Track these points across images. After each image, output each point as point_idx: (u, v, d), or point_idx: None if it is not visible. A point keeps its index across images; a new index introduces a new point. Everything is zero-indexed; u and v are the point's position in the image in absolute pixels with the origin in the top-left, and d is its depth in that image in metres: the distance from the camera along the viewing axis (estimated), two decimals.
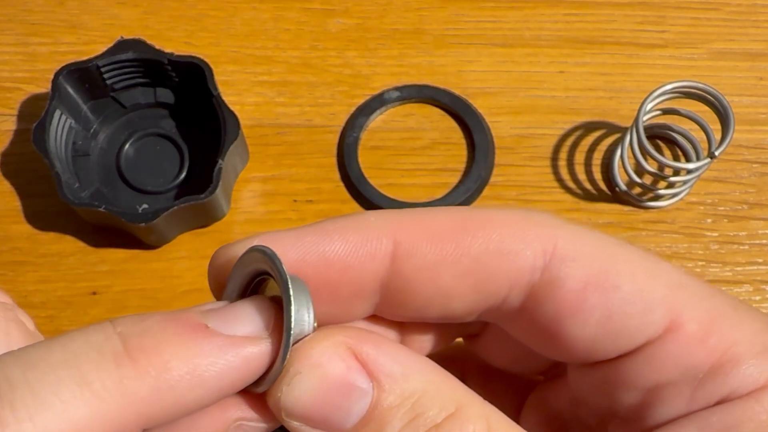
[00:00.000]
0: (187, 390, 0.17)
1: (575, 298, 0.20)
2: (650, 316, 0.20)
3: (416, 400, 0.19)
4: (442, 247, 0.20)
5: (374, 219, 0.21)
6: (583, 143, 0.49)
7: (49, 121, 0.44)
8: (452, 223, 0.21)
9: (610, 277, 0.20)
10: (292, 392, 0.19)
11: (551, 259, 0.20)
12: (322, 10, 0.53)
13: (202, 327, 0.18)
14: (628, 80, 0.51)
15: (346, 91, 0.51)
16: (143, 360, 0.17)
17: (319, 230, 0.21)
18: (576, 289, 0.20)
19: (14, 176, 0.49)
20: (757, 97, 0.51)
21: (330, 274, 0.20)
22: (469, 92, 0.50)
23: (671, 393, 0.20)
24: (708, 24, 0.53)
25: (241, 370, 0.18)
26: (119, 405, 0.17)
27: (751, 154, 0.49)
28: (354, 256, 0.20)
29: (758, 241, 0.47)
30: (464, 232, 0.21)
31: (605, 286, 0.20)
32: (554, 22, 0.53)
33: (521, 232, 0.21)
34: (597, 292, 0.20)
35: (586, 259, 0.20)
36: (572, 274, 0.20)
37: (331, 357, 0.19)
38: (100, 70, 0.45)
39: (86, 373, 0.16)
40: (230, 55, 0.52)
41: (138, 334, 0.17)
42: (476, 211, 0.21)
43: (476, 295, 0.21)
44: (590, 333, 0.20)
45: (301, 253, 0.20)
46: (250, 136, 0.48)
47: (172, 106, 0.48)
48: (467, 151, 0.49)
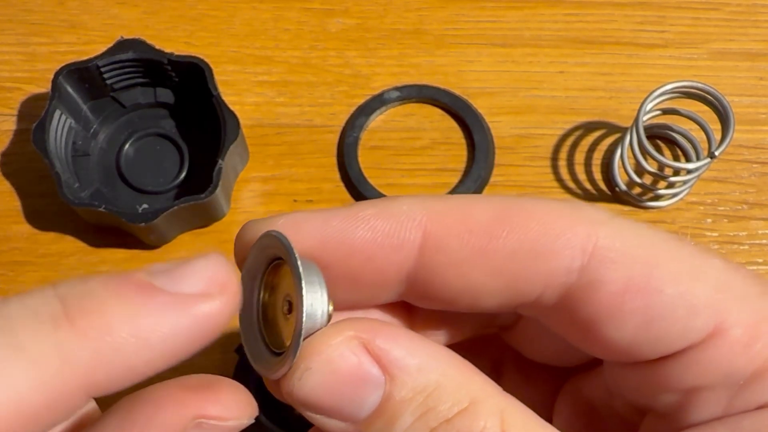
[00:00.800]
0: (133, 353, 0.16)
1: (614, 301, 0.19)
2: (693, 321, 0.19)
3: (429, 394, 0.18)
4: (474, 243, 0.20)
5: (406, 207, 0.20)
6: (583, 143, 0.49)
7: (49, 121, 0.44)
8: (486, 216, 0.20)
9: (652, 279, 0.19)
10: (304, 387, 0.18)
11: (590, 260, 0.19)
12: (322, 10, 0.53)
13: (148, 285, 0.17)
14: (628, 80, 0.51)
15: (346, 91, 0.51)
16: (83, 322, 0.16)
17: (347, 215, 0.20)
18: (615, 291, 0.19)
19: (14, 176, 0.49)
20: (757, 97, 0.51)
21: (353, 261, 0.20)
22: (469, 92, 0.50)
23: (709, 396, 0.20)
24: (708, 24, 0.53)
25: (192, 330, 0.17)
26: (59, 371, 0.15)
27: (751, 154, 0.49)
28: (379, 246, 0.20)
29: (758, 241, 0.47)
30: (498, 227, 0.20)
31: (647, 289, 0.19)
32: (554, 22, 0.53)
33: (559, 229, 0.20)
34: (638, 295, 0.19)
35: (627, 259, 0.19)
36: (611, 276, 0.19)
37: (343, 352, 0.18)
38: (100, 70, 0.45)
39: (22, 337, 0.15)
40: (230, 55, 0.52)
41: (78, 296, 0.16)
42: (515, 203, 0.20)
43: (507, 292, 0.20)
44: (629, 336, 0.20)
45: (325, 237, 0.20)
46: (250, 136, 0.48)
47: (172, 106, 0.48)
48: (467, 151, 0.49)
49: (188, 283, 0.17)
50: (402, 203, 0.20)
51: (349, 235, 0.20)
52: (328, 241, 0.20)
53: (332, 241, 0.20)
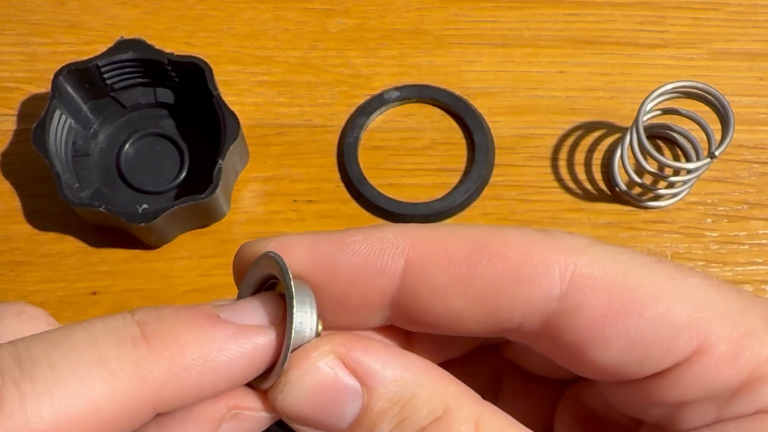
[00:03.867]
0: (200, 374, 0.18)
1: (594, 326, 0.20)
2: (676, 341, 0.20)
3: (405, 404, 0.19)
4: (454, 270, 0.20)
5: (391, 235, 0.21)
6: (583, 143, 0.49)
7: (49, 121, 0.44)
8: (467, 245, 0.20)
9: (632, 303, 0.20)
10: (285, 400, 0.19)
11: (568, 288, 0.20)
12: (322, 10, 0.53)
13: (214, 316, 0.19)
14: (628, 80, 0.51)
15: (346, 91, 0.51)
16: (159, 343, 0.18)
17: (334, 240, 0.21)
18: (595, 317, 0.20)
19: (14, 176, 0.49)
20: (757, 97, 0.51)
21: (338, 285, 0.21)
22: (469, 92, 0.50)
23: (698, 409, 0.20)
24: (708, 24, 0.53)
25: (250, 358, 0.19)
26: (134, 385, 0.17)
27: (751, 154, 0.49)
28: (362, 271, 0.20)
29: (758, 241, 0.47)
30: (478, 256, 0.20)
31: (627, 313, 0.20)
32: (554, 22, 0.52)
33: (537, 258, 0.20)
34: (618, 319, 0.20)
35: (606, 285, 0.20)
36: (591, 302, 0.20)
37: (320, 366, 0.19)
38: (100, 70, 0.45)
39: (104, 353, 0.17)
40: (230, 55, 0.52)
41: (154, 321, 0.18)
42: (495, 232, 0.21)
43: (489, 319, 0.21)
44: (613, 359, 0.20)
45: (312, 260, 0.21)
46: (250, 136, 0.48)
47: (172, 106, 0.48)
48: (467, 151, 0.49)
49: (249, 317, 0.19)
50: (387, 231, 0.21)
51: (334, 259, 0.20)
52: (315, 264, 0.21)
53: (319, 264, 0.21)
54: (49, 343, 0.17)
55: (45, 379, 0.17)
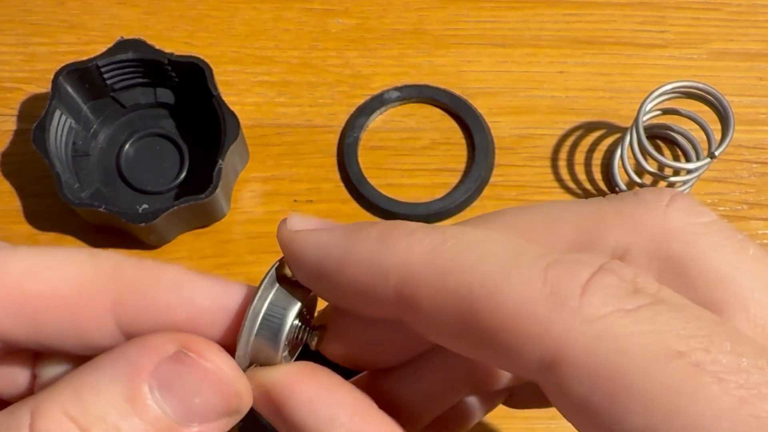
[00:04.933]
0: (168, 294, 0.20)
1: (574, 412, 0.18)
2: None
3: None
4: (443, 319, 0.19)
5: (388, 263, 0.20)
6: (583, 143, 0.49)
7: (49, 121, 0.44)
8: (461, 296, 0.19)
9: (612, 405, 0.17)
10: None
11: (551, 367, 0.18)
12: (322, 10, 0.53)
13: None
14: (628, 80, 0.51)
15: (346, 91, 0.51)
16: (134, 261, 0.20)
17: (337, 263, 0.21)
18: (574, 404, 0.18)
19: (14, 176, 0.49)
20: (757, 97, 0.51)
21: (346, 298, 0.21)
22: (469, 92, 0.50)
23: None
24: (708, 24, 0.53)
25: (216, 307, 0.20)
26: (93, 270, 0.20)
27: (751, 154, 0.49)
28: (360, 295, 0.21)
29: (758, 241, 0.47)
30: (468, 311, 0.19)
31: (607, 413, 0.17)
32: (554, 22, 0.52)
33: (524, 331, 0.18)
34: (596, 416, 0.17)
35: (588, 375, 0.17)
36: (571, 389, 0.17)
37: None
38: (100, 70, 0.45)
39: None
40: (230, 55, 0.52)
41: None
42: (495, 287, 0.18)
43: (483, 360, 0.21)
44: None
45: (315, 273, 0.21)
46: (250, 136, 0.48)
47: (172, 106, 0.48)
48: (467, 151, 0.49)
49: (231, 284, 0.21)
50: (387, 257, 0.20)
51: (335, 279, 0.21)
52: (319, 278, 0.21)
53: (323, 281, 0.21)
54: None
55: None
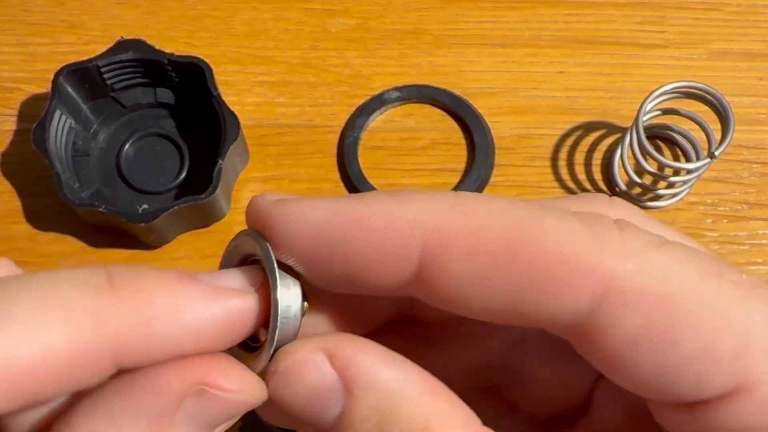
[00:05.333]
0: (166, 328, 0.17)
1: (622, 348, 0.18)
2: (713, 377, 0.17)
3: (384, 416, 0.18)
4: (475, 269, 0.18)
5: (412, 216, 0.18)
6: (583, 143, 0.49)
7: (49, 121, 0.44)
8: (496, 238, 0.18)
9: (669, 328, 0.17)
10: (271, 389, 0.19)
11: (602, 302, 0.18)
12: (322, 10, 0.53)
13: (189, 276, 0.18)
14: (628, 80, 0.51)
15: (346, 91, 0.51)
16: (125, 292, 0.17)
17: (350, 217, 0.19)
18: (626, 340, 0.18)
19: (14, 176, 0.49)
20: (757, 97, 0.51)
21: (349, 266, 0.19)
22: (469, 92, 0.50)
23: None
24: (708, 24, 0.53)
25: (224, 322, 0.18)
26: (94, 332, 0.16)
27: (751, 154, 0.49)
28: (375, 256, 0.19)
29: (758, 241, 0.47)
30: (505, 255, 0.18)
31: (663, 339, 0.17)
32: (554, 22, 0.53)
33: (571, 265, 0.18)
34: (651, 344, 0.17)
35: (644, 303, 0.17)
36: (623, 321, 0.17)
37: (305, 363, 0.18)
38: (100, 70, 0.45)
39: (65, 297, 0.16)
40: (230, 55, 0.52)
41: (124, 272, 0.17)
42: (530, 224, 0.18)
43: (509, 318, 0.19)
44: (639, 381, 0.18)
45: (321, 240, 0.19)
46: (250, 136, 0.48)
47: (172, 106, 0.48)
48: (467, 151, 0.49)
49: (226, 280, 0.19)
50: (409, 207, 0.19)
51: (346, 242, 0.19)
52: (324, 244, 0.19)
53: (328, 246, 0.19)
54: (6, 286, 0.16)
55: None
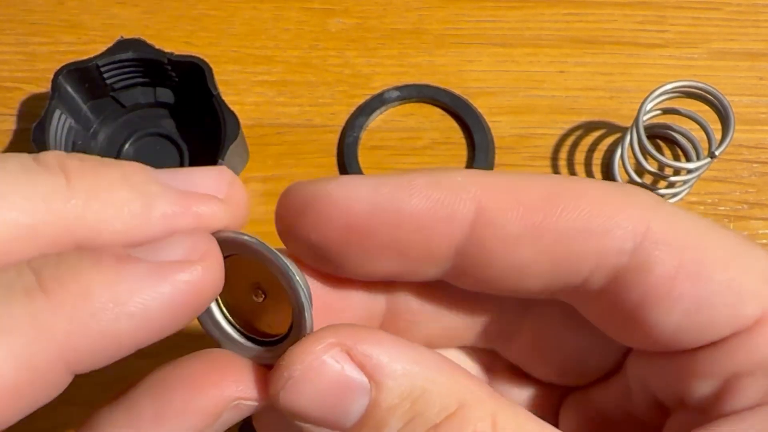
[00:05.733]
0: (113, 321, 0.15)
1: (664, 285, 0.19)
2: (741, 309, 0.19)
3: (415, 400, 0.18)
4: (528, 218, 0.19)
5: (461, 178, 0.20)
6: (583, 143, 0.49)
7: (49, 121, 0.44)
8: (541, 192, 0.20)
9: (702, 265, 0.19)
10: (287, 396, 0.18)
11: (642, 242, 0.19)
12: (322, 10, 0.53)
13: (125, 255, 0.16)
14: (628, 80, 0.51)
15: (346, 91, 0.51)
16: (58, 290, 0.15)
17: (399, 183, 0.19)
18: (666, 275, 0.19)
19: None
20: (757, 97, 0.51)
21: (403, 230, 0.19)
22: (469, 92, 0.50)
23: (749, 384, 0.20)
24: (708, 24, 0.53)
25: (175, 298, 0.16)
26: (35, 341, 0.15)
27: (751, 154, 0.49)
28: (431, 217, 0.19)
29: (758, 241, 0.47)
30: (552, 205, 0.19)
31: (697, 274, 0.19)
32: (554, 22, 0.52)
33: (613, 210, 0.19)
34: (688, 280, 0.19)
35: (679, 244, 0.19)
36: (663, 259, 0.19)
37: (325, 360, 0.18)
38: (100, 70, 0.45)
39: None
40: (230, 55, 0.52)
41: (52, 266, 0.15)
42: (568, 181, 0.20)
43: (556, 272, 0.20)
44: (675, 322, 0.20)
45: (376, 203, 0.19)
46: (250, 136, 0.48)
47: (172, 106, 0.48)
48: (467, 151, 0.49)
49: (167, 252, 0.17)
50: (456, 175, 0.20)
51: (401, 203, 0.19)
52: (378, 207, 0.19)
53: (383, 208, 0.19)
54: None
55: None
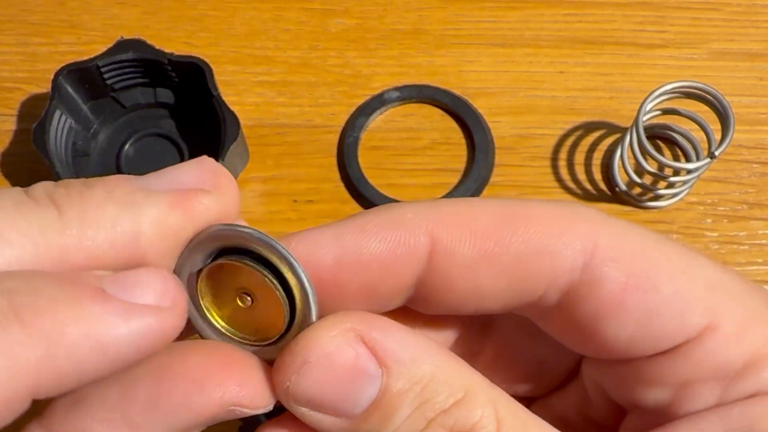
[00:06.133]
0: (85, 356, 0.16)
1: (614, 298, 0.20)
2: (689, 318, 0.20)
3: (425, 386, 0.19)
4: (480, 245, 0.20)
5: (411, 215, 0.20)
6: (583, 143, 0.49)
7: (49, 121, 0.44)
8: (492, 219, 0.20)
9: (649, 278, 0.20)
10: (301, 381, 0.18)
11: (591, 259, 0.20)
12: (322, 10, 0.53)
13: (99, 290, 0.16)
14: (628, 80, 0.51)
15: (346, 91, 0.51)
16: (34, 322, 0.15)
17: (356, 228, 0.20)
18: (615, 290, 0.20)
19: (14, 176, 0.49)
20: (757, 97, 0.51)
21: (369, 274, 0.20)
22: (469, 92, 0.50)
23: (702, 389, 0.20)
24: (708, 24, 0.53)
25: (144, 339, 0.17)
26: (6, 371, 0.15)
27: (751, 154, 0.49)
28: (391, 255, 0.20)
29: (758, 241, 0.47)
30: (503, 230, 0.20)
31: (645, 287, 0.20)
32: (554, 22, 0.52)
33: (562, 229, 0.20)
34: (636, 293, 0.20)
35: (626, 258, 0.20)
36: (612, 274, 0.20)
37: (340, 345, 0.18)
38: (100, 70, 0.45)
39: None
40: (230, 55, 0.52)
41: (27, 293, 0.15)
42: (517, 205, 0.21)
43: (512, 292, 0.21)
44: (628, 333, 0.20)
45: (339, 254, 0.20)
46: (250, 136, 0.48)
47: (172, 106, 0.48)
48: (467, 151, 0.49)
49: (140, 294, 0.17)
50: (406, 210, 0.21)
51: (362, 249, 0.20)
52: (343, 259, 0.20)
53: (347, 257, 0.20)
54: None
55: None
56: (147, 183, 0.18)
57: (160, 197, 0.18)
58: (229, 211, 0.19)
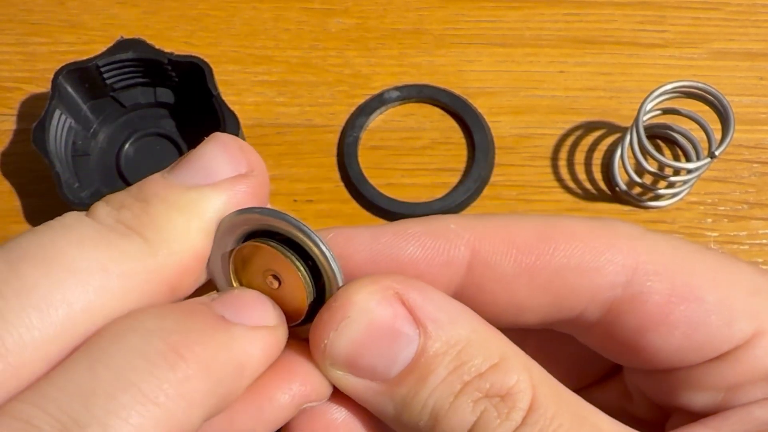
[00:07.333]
0: (234, 380, 0.17)
1: (659, 312, 0.20)
2: (735, 326, 0.20)
3: (461, 349, 0.19)
4: (521, 260, 0.20)
5: (454, 225, 0.21)
6: (583, 143, 0.49)
7: (49, 121, 0.44)
8: (533, 234, 0.20)
9: (693, 289, 0.20)
10: (339, 338, 0.18)
11: (633, 274, 0.20)
12: (322, 10, 0.53)
13: (221, 318, 0.18)
14: (628, 80, 0.51)
15: (346, 91, 0.51)
16: (194, 356, 0.16)
17: (396, 232, 0.20)
18: (659, 303, 0.20)
19: (14, 176, 0.49)
20: (757, 97, 0.51)
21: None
22: (469, 92, 0.50)
23: (752, 389, 0.21)
24: (708, 24, 0.53)
25: (269, 356, 0.18)
26: (185, 409, 0.16)
27: (751, 154, 0.49)
28: (429, 263, 0.20)
29: (758, 241, 0.47)
30: (545, 246, 0.20)
31: (689, 298, 0.20)
32: (554, 22, 0.52)
33: (603, 246, 0.20)
34: (681, 305, 0.20)
35: (668, 271, 0.20)
36: (655, 288, 0.20)
37: (379, 302, 0.18)
38: (100, 70, 0.45)
39: (145, 389, 0.15)
40: (230, 55, 0.52)
41: (176, 331, 0.17)
42: (558, 221, 0.21)
43: (552, 308, 0.21)
44: (674, 344, 0.20)
45: (375, 253, 0.20)
46: (250, 136, 0.48)
47: (172, 106, 0.48)
48: (467, 151, 0.49)
49: (248, 316, 0.18)
50: (449, 222, 0.21)
51: (399, 251, 0.20)
52: (378, 257, 0.20)
53: (382, 257, 0.20)
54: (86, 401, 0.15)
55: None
56: (184, 179, 0.19)
57: (213, 195, 0.18)
58: (264, 189, 0.19)
